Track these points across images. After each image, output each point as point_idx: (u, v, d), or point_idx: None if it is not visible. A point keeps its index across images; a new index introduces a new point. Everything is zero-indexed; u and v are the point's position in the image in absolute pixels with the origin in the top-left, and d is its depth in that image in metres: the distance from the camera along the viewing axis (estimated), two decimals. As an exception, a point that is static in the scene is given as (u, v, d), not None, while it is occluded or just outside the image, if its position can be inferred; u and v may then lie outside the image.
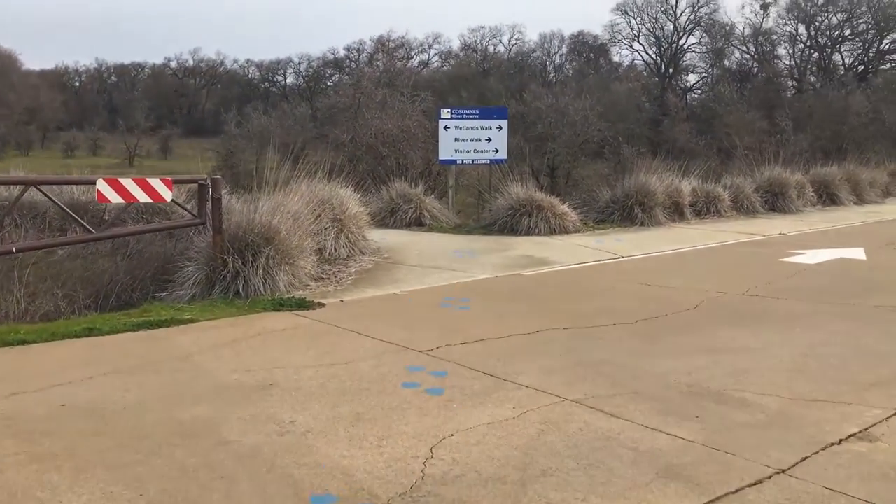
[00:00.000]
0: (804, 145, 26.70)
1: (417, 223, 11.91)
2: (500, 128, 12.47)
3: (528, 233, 11.19)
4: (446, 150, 12.32)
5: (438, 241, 10.71)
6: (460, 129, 12.30)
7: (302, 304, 6.97)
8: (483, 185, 13.20)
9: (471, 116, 12.33)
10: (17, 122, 50.53)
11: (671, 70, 62.94)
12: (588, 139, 23.50)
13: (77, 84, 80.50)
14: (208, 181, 7.40)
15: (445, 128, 12.26)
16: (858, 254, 9.79)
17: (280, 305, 6.93)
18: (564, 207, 11.66)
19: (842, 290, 7.83)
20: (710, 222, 12.92)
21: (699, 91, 62.42)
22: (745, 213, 13.82)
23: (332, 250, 9.27)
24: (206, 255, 7.46)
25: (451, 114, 12.28)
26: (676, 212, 12.87)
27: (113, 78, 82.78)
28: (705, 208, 13.41)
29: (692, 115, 54.20)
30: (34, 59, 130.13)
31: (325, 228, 9.36)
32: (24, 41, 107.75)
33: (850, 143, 31.42)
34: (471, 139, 12.35)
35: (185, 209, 7.87)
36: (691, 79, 63.65)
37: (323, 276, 8.24)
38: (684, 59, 62.93)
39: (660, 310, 6.88)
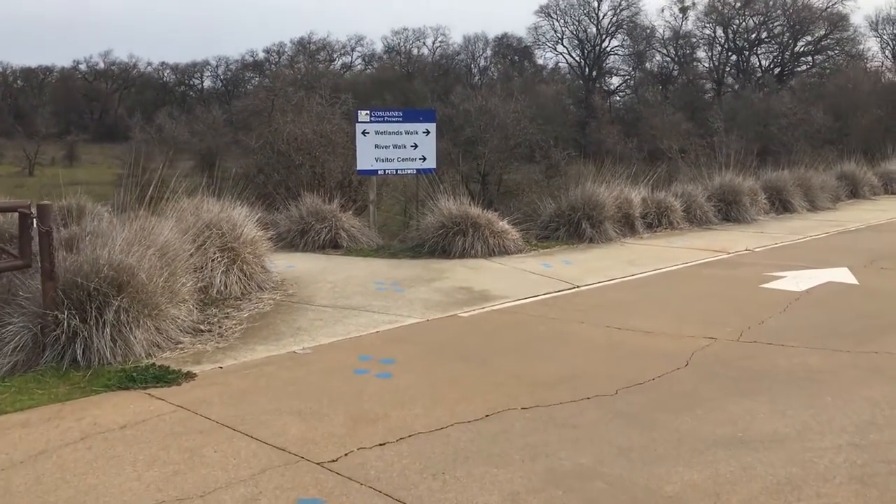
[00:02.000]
0: (736, 147, 25.75)
1: (333, 245, 10.00)
2: (428, 132, 10.66)
3: (464, 255, 9.42)
4: (365, 159, 10.43)
5: (357, 269, 8.83)
6: (381, 133, 10.44)
7: (162, 377, 5.02)
8: (409, 198, 11.40)
9: (393, 119, 10.48)
10: None
11: (595, 73, 62.38)
12: (520, 143, 21.90)
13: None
14: (31, 209, 5.35)
15: (364, 133, 10.38)
16: (845, 276, 8.34)
17: (131, 380, 4.96)
18: (504, 224, 9.93)
19: (848, 329, 6.30)
20: (664, 236, 11.40)
21: (623, 93, 62.10)
22: (698, 225, 12.36)
23: (222, 287, 7.31)
24: (34, 309, 5.43)
25: (371, 116, 10.39)
26: (627, 225, 11.29)
27: (19, 82, 77.87)
28: (657, 220, 11.89)
29: (617, 117, 53.65)
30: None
31: (213, 260, 7.39)
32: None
33: (777, 144, 30.83)
34: (394, 145, 10.50)
35: (3, 249, 5.75)
36: (615, 81, 63.28)
37: (203, 325, 6.27)
38: (607, 61, 62.49)
39: (641, 370, 5.18)
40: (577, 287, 7.90)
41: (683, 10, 62.80)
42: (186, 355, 5.55)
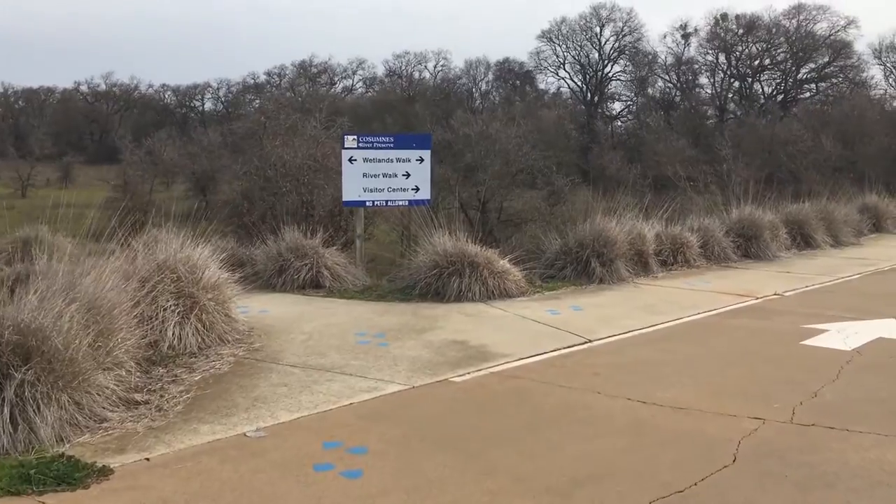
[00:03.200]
0: (744, 175, 24.72)
1: (315, 284, 8.89)
2: (422, 160, 9.58)
3: (460, 298, 8.30)
4: (352, 189, 9.34)
5: (338, 314, 7.72)
6: (370, 161, 9.35)
7: (67, 476, 3.89)
8: (404, 226, 10.32)
9: (383, 145, 9.40)
10: None
11: (597, 98, 61.58)
12: (522, 169, 20.85)
13: (-21, 109, 74.76)
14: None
15: (351, 160, 9.29)
16: (896, 329, 7.22)
17: (26, 480, 3.83)
18: (505, 263, 8.82)
19: (921, 403, 5.17)
20: (681, 276, 10.29)
21: (625, 119, 61.25)
22: (716, 262, 11.24)
23: (175, 341, 6.20)
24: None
25: (359, 141, 9.31)
26: (640, 263, 10.18)
27: (21, 103, 77.28)
28: (672, 257, 10.77)
29: (619, 142, 52.75)
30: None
31: (165, 309, 6.28)
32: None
33: (784, 172, 29.81)
34: (384, 174, 9.41)
35: None
36: (616, 106, 62.45)
37: (141, 394, 5.15)
38: (609, 86, 61.68)
39: (678, 467, 4.05)
40: (590, 342, 6.77)
41: (685, 36, 62.13)
42: (110, 439, 4.43)
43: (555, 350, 6.49)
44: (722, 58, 60.14)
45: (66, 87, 72.93)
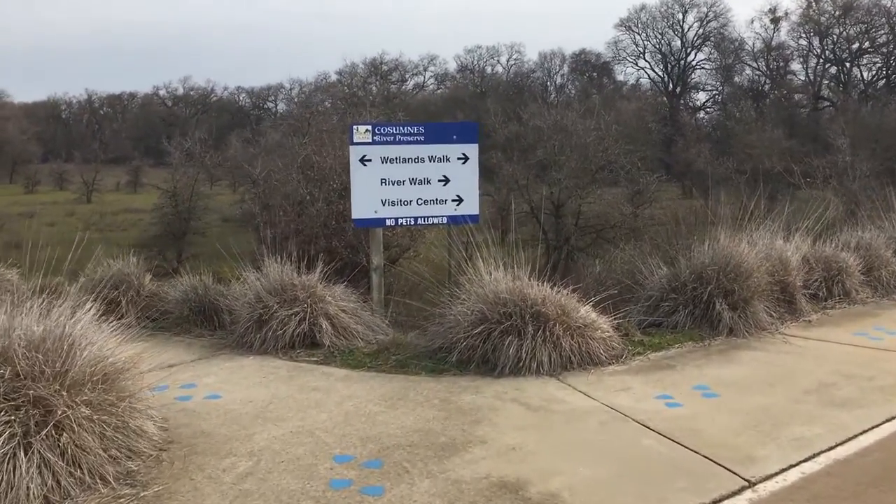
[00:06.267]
0: (863, 168, 20.66)
1: (309, 343, 5.98)
2: (466, 158, 6.55)
3: (518, 370, 5.25)
4: (366, 202, 6.38)
5: (323, 406, 4.79)
6: (392, 161, 6.39)
7: None
8: (438, 259, 7.31)
9: (410, 139, 6.41)
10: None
11: (679, 88, 57.15)
12: (603, 166, 17.52)
13: (66, 115, 75.63)
14: None
15: (364, 160, 6.34)
16: None
17: None
18: (588, 312, 5.70)
19: None
20: (844, 318, 6.95)
21: (710, 109, 56.62)
22: (885, 293, 7.84)
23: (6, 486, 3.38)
24: None
25: (374, 134, 6.35)
26: (783, 300, 6.91)
27: (106, 108, 77.90)
28: (825, 289, 7.44)
29: (704, 135, 48.46)
30: (31, 92, 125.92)
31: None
32: (17, 73, 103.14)
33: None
34: (412, 180, 6.43)
35: None
36: (701, 97, 57.83)
37: None
38: (692, 76, 57.14)
39: None
40: (751, 485, 3.63)
41: (775, 20, 57.06)
42: None
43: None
44: (816, 42, 54.92)
45: (146, 91, 72.87)
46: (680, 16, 55.68)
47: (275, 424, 4.44)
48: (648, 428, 4.32)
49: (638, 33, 56.65)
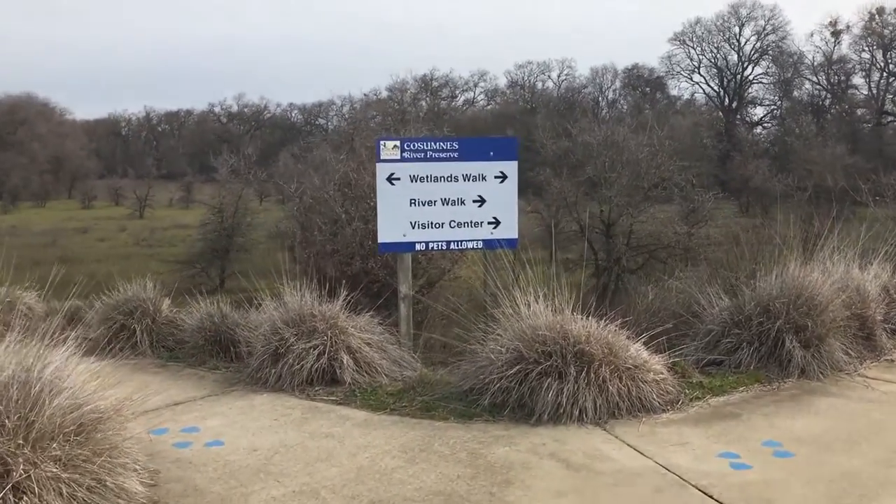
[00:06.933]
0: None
1: (329, 379, 5.43)
2: (504, 177, 5.96)
3: (558, 418, 4.62)
4: (393, 224, 5.85)
5: (334, 459, 4.23)
6: (422, 180, 5.85)
7: None
8: (471, 288, 6.71)
9: (442, 155, 5.85)
10: (42, 172, 46.16)
11: (735, 103, 55.62)
12: (656, 184, 16.73)
13: (126, 132, 77.48)
14: None
15: (391, 178, 5.82)
16: None
17: None
18: (639, 350, 5.03)
19: None
20: (932, 358, 6.12)
21: (767, 125, 54.95)
22: (976, 328, 6.96)
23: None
24: None
25: (403, 150, 5.82)
26: (861, 336, 6.12)
27: (164, 125, 79.56)
28: (907, 323, 6.61)
29: (762, 151, 46.94)
30: (92, 109, 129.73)
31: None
32: (80, 91, 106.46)
33: None
34: (444, 200, 5.87)
35: None
36: (758, 112, 56.17)
37: None
38: (749, 90, 55.57)
39: None
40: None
41: (836, 34, 55.26)
42: None
43: None
44: (879, 55, 52.91)
45: (202, 108, 74.18)
46: (736, 29, 54.34)
47: (277, 481, 3.89)
48: (712, 498, 3.64)
49: (693, 47, 55.44)
